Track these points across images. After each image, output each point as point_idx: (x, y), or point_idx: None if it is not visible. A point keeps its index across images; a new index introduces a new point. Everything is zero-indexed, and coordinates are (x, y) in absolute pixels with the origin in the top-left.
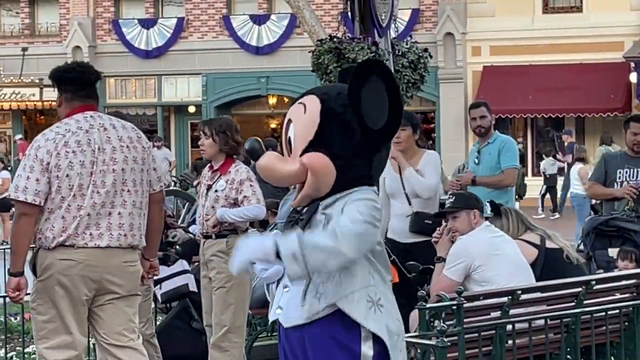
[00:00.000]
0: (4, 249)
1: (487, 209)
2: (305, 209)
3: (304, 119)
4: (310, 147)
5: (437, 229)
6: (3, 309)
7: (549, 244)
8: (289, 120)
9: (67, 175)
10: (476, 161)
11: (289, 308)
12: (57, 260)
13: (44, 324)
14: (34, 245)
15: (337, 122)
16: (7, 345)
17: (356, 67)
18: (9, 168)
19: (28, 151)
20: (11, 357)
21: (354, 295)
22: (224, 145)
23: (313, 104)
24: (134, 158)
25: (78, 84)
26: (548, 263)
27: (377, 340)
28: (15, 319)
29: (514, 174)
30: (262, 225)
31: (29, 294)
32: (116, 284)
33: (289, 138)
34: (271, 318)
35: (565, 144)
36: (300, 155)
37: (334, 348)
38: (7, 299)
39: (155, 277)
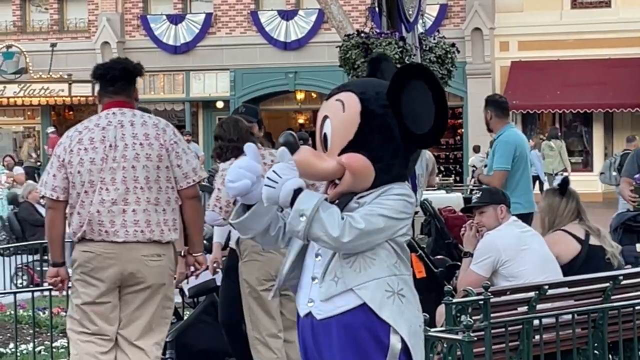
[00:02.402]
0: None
1: (557, 181)
2: (338, 201)
3: (343, 117)
4: (350, 147)
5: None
6: (31, 304)
7: (592, 241)
8: (325, 116)
9: (79, 172)
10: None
11: (319, 297)
12: (80, 253)
13: (75, 312)
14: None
15: (377, 124)
16: (36, 340)
17: (397, 71)
18: (39, 163)
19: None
20: (39, 352)
21: (371, 283)
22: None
23: (353, 103)
24: (147, 155)
25: (104, 80)
26: (590, 260)
27: None
28: (44, 313)
29: (499, 177)
30: None
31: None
32: (137, 276)
33: (325, 134)
34: (302, 312)
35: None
36: (339, 154)
37: (365, 337)
38: (36, 294)
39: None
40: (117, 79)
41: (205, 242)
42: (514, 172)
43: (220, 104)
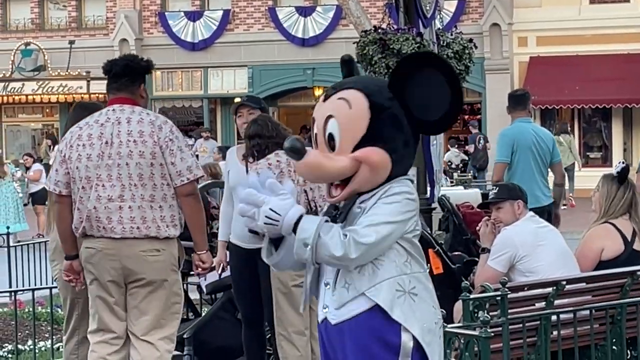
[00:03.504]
0: (39, 242)
1: (617, 168)
2: (342, 203)
3: (351, 114)
4: (364, 142)
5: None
6: (50, 301)
7: (637, 245)
8: (329, 116)
9: (77, 168)
10: None
11: (332, 303)
12: (83, 249)
13: (89, 307)
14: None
15: (387, 116)
16: (54, 337)
17: (400, 61)
18: None
19: None
20: (58, 348)
21: (382, 284)
22: None
23: (359, 99)
24: (140, 152)
25: (109, 77)
26: (630, 264)
27: None
28: (62, 310)
29: (497, 169)
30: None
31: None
32: (137, 272)
33: (330, 134)
34: (319, 318)
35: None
36: (353, 152)
37: (377, 338)
38: (54, 291)
39: None
40: (120, 76)
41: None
42: (514, 166)
43: (238, 101)
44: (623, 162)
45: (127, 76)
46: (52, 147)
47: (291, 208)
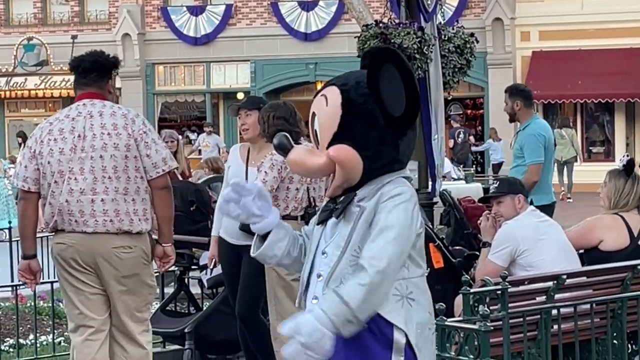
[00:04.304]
0: (41, 237)
1: (623, 162)
2: (341, 198)
3: (326, 111)
4: (335, 139)
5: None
6: (51, 295)
7: None
8: (314, 113)
9: (49, 162)
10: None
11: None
12: (55, 244)
13: (65, 306)
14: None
15: (359, 113)
16: (55, 331)
17: (371, 56)
18: None
19: None
20: (59, 342)
21: None
22: None
23: (334, 95)
24: (114, 145)
25: (77, 72)
26: (632, 259)
27: None
28: (64, 304)
29: (536, 170)
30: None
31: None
32: (108, 269)
33: (315, 131)
34: (308, 309)
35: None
36: (327, 148)
37: (369, 335)
38: (55, 285)
39: (201, 263)
40: (89, 71)
41: None
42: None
43: (241, 96)
44: (627, 155)
45: (96, 71)
46: (21, 144)
47: (322, 339)
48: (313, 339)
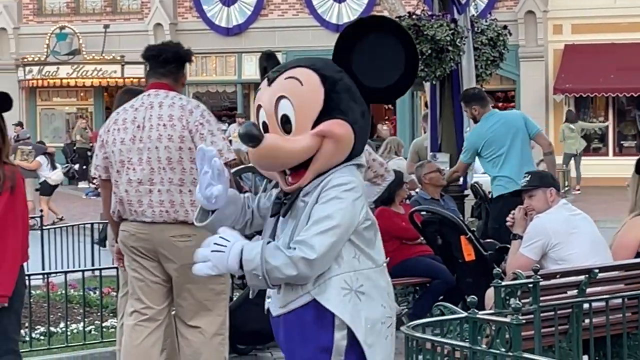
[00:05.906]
0: (54, 227)
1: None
2: (288, 197)
3: (304, 91)
4: (323, 116)
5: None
6: (82, 284)
7: None
8: (280, 97)
9: (113, 151)
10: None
11: (274, 297)
12: (120, 232)
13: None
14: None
15: (340, 88)
16: (86, 319)
17: (343, 32)
18: (91, 144)
19: None
20: (90, 331)
21: (330, 282)
22: None
23: (309, 75)
24: (169, 136)
25: (156, 61)
26: None
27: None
28: (94, 293)
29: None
30: None
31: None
32: (168, 257)
33: (284, 116)
34: (266, 307)
35: None
36: (312, 128)
37: (305, 336)
38: (86, 274)
39: None
40: (169, 62)
41: None
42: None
43: None
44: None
45: (175, 63)
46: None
47: (237, 241)
48: (216, 256)
